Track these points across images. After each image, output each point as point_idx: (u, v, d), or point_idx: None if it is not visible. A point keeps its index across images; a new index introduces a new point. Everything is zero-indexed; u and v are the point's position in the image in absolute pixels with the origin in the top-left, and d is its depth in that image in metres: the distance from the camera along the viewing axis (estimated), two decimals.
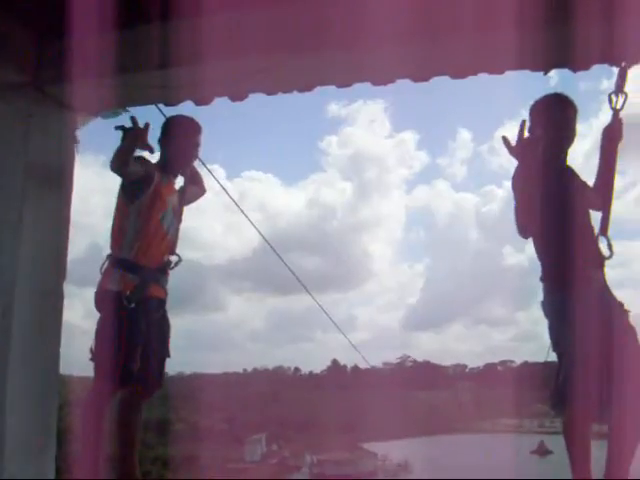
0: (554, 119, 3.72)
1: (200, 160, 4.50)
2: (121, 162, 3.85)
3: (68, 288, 4.12)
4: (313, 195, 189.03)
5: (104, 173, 4.08)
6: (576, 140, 3.79)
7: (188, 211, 4.38)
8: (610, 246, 3.63)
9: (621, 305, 3.54)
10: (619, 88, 3.56)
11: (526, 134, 3.66)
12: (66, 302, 4.09)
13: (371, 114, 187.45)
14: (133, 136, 3.89)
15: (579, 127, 3.80)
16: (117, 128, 3.91)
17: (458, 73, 3.63)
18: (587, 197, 3.70)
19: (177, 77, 3.79)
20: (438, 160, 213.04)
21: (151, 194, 3.99)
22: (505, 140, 3.64)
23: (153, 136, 4.15)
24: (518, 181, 3.67)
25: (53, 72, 3.77)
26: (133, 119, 3.95)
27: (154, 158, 4.20)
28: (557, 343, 3.59)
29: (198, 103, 4.12)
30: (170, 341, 4.17)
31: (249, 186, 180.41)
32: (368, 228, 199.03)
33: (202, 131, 4.28)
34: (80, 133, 4.34)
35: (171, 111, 4.25)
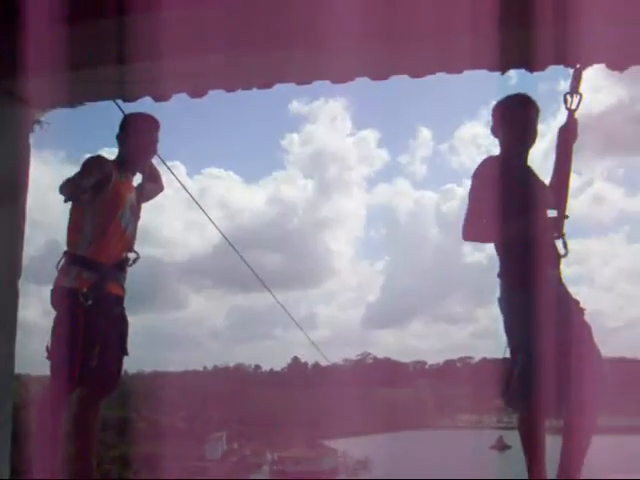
0: (516, 119, 3.76)
1: (160, 157, 4.48)
2: (71, 194, 3.86)
3: (25, 286, 4.07)
4: (274, 193, 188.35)
5: (62, 169, 4.06)
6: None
7: (148, 208, 4.35)
8: (565, 244, 3.68)
9: (577, 302, 3.60)
10: (574, 89, 3.62)
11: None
12: (23, 300, 4.04)
13: (332, 112, 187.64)
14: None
15: None
16: None
17: (417, 72, 3.67)
18: (545, 196, 3.75)
19: (135, 73, 3.77)
20: (399, 158, 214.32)
21: (109, 192, 3.96)
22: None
23: (112, 133, 4.13)
24: (479, 179, 3.71)
25: (8, 66, 3.70)
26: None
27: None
28: (512, 339, 3.63)
29: (157, 99, 4.09)
30: (129, 339, 4.13)
31: (210, 183, 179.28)
32: (329, 226, 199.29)
33: (160, 128, 4.25)
34: (36, 128, 4.28)
35: (130, 107, 4.21)
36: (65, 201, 3.91)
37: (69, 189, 3.89)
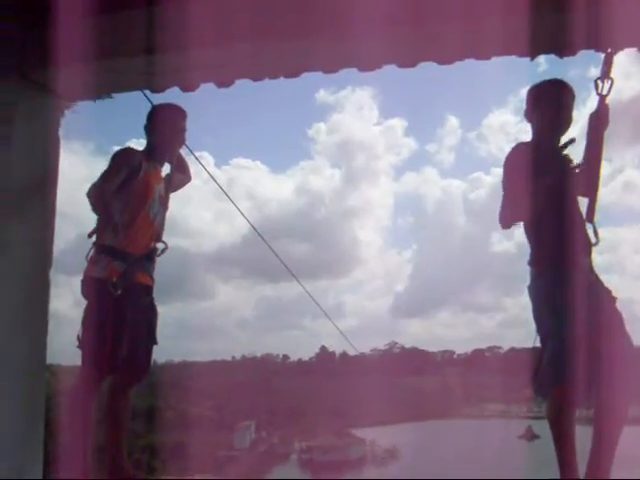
0: (550, 104, 3.71)
1: (188, 148, 4.50)
2: (97, 202, 3.96)
3: (57, 277, 4.10)
4: (302, 182, 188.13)
5: (91, 161, 4.09)
6: None
7: (177, 198, 4.38)
8: (596, 232, 3.64)
9: (608, 291, 3.56)
10: (605, 74, 3.55)
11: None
12: (55, 291, 4.08)
13: (359, 101, 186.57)
14: None
15: None
16: None
17: (445, 59, 3.62)
18: (576, 183, 3.71)
19: (163, 63, 3.77)
20: (426, 147, 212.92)
21: (138, 183, 3.99)
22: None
23: (140, 123, 4.15)
24: (514, 165, 3.67)
25: (38, 58, 3.73)
26: None
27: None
28: (542, 327, 3.60)
29: (184, 90, 4.10)
30: (158, 329, 4.17)
31: (237, 173, 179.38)
32: (356, 215, 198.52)
33: (187, 118, 4.27)
34: (66, 120, 4.32)
35: (157, 98, 4.23)
36: (93, 209, 3.97)
37: (95, 196, 3.95)
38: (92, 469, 3.81)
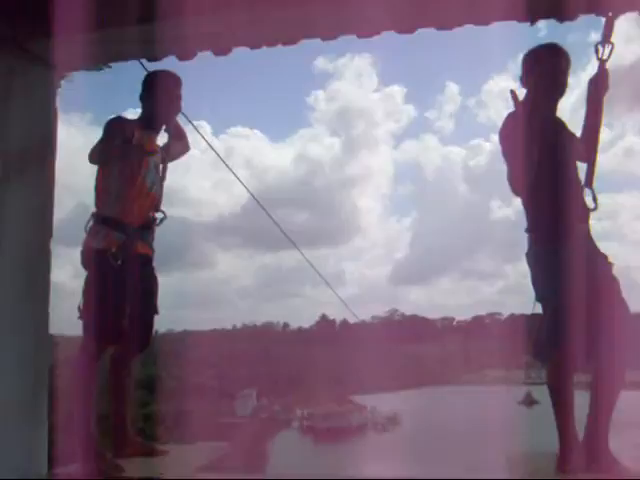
0: (546, 69, 3.68)
1: (185, 117, 4.48)
2: (99, 161, 3.95)
3: (57, 248, 4.11)
4: (301, 150, 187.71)
5: (89, 132, 4.08)
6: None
7: (176, 168, 4.37)
8: (595, 198, 3.64)
9: (605, 257, 3.56)
10: (605, 38, 3.52)
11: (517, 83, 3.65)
12: (55, 262, 4.08)
13: (358, 68, 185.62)
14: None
15: None
16: None
17: (444, 24, 3.59)
18: (575, 149, 3.70)
19: (159, 32, 3.73)
20: (426, 114, 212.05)
21: (132, 152, 3.97)
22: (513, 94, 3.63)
23: (137, 93, 4.13)
24: (509, 133, 3.65)
25: (33, 28, 3.70)
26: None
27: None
28: (539, 293, 3.61)
29: (181, 58, 4.06)
30: (159, 298, 4.18)
31: (236, 142, 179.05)
32: (356, 183, 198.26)
33: (181, 84, 4.24)
34: (64, 92, 4.29)
35: (154, 67, 4.20)
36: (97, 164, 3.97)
37: (96, 157, 3.94)
38: (96, 438, 3.84)
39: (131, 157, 3.97)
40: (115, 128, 4.00)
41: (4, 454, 3.52)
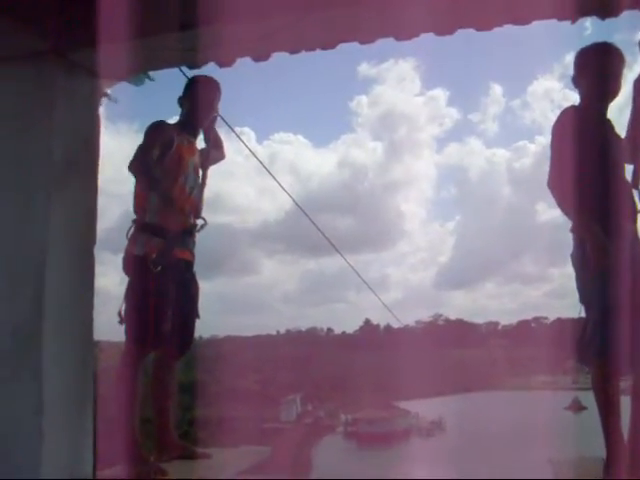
0: (599, 70, 3.61)
1: (227, 124, 4.52)
2: (139, 172, 4.01)
3: (103, 255, 4.15)
4: (344, 156, 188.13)
5: (136, 140, 4.13)
6: None
7: (221, 175, 4.42)
8: None
9: None
10: None
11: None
12: (101, 269, 4.13)
13: (401, 72, 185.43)
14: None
15: None
16: None
17: (483, 25, 3.53)
18: (622, 150, 3.63)
19: (199, 39, 3.75)
20: (469, 116, 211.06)
21: (171, 156, 4.01)
22: None
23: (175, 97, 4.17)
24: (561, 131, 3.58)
25: (75, 37, 3.74)
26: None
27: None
28: (585, 296, 3.54)
29: (221, 65, 4.08)
30: (203, 304, 4.22)
31: (279, 148, 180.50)
32: (399, 187, 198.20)
33: (220, 90, 4.30)
34: (110, 100, 4.36)
35: (195, 74, 4.25)
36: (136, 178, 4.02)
37: (136, 167, 3.98)
38: (140, 441, 3.88)
39: (171, 161, 4.01)
40: (155, 133, 4.04)
41: (52, 455, 3.56)
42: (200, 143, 4.39)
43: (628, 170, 3.65)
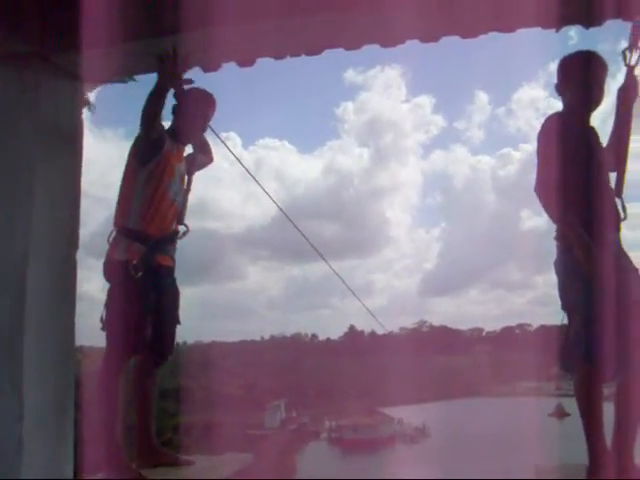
0: (582, 77, 3.62)
1: (213, 131, 4.50)
2: (154, 112, 3.90)
3: (87, 261, 4.13)
4: (330, 162, 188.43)
5: (123, 146, 4.11)
6: None
7: (207, 181, 4.42)
8: (624, 208, 3.58)
9: (635, 268, 3.50)
10: (634, 43, 3.47)
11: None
12: (86, 275, 4.11)
13: (387, 79, 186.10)
14: (167, 76, 3.85)
15: None
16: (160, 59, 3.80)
17: (468, 33, 3.55)
18: (606, 159, 3.64)
19: (184, 43, 3.74)
20: (455, 124, 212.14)
21: (160, 161, 3.99)
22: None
23: (168, 105, 4.14)
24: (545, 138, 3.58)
25: (59, 41, 3.73)
26: (168, 53, 3.78)
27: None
28: (567, 303, 3.55)
29: (206, 70, 4.08)
30: (187, 310, 4.20)
31: (265, 154, 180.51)
32: (385, 194, 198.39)
33: (215, 104, 4.28)
34: (90, 109, 4.34)
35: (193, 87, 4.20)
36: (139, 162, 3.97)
37: (137, 151, 3.97)
38: (121, 448, 3.85)
39: (158, 166, 3.98)
40: (154, 115, 3.97)
41: (31, 464, 3.53)
42: (188, 149, 4.37)
43: (612, 178, 3.67)
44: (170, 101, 4.13)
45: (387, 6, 3.36)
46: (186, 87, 4.05)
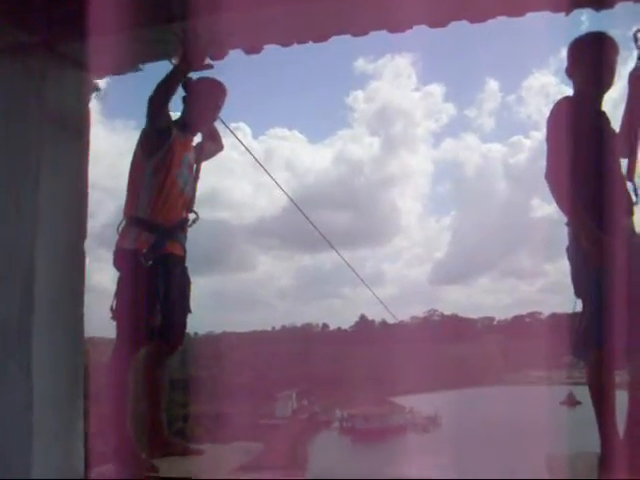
0: (593, 59, 3.57)
1: (223, 122, 4.48)
2: (164, 100, 3.91)
3: (98, 251, 4.12)
4: (340, 151, 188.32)
5: (133, 138, 4.11)
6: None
7: (218, 170, 4.39)
8: (637, 192, 3.55)
9: None
10: None
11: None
12: (96, 265, 4.10)
13: (398, 68, 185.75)
14: (191, 57, 3.85)
15: None
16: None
17: (476, 17, 3.50)
18: (617, 143, 3.60)
19: (191, 30, 3.71)
20: (466, 111, 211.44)
21: (167, 149, 3.97)
22: None
23: (177, 95, 4.12)
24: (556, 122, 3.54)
25: (65, 30, 3.70)
26: (184, 34, 3.78)
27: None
28: (580, 289, 3.51)
29: (212, 58, 4.04)
30: (199, 300, 4.19)
31: (275, 144, 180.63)
32: (396, 183, 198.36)
33: (226, 94, 4.25)
34: (99, 93, 4.32)
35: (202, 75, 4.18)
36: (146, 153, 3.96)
37: (144, 141, 3.97)
38: (131, 438, 3.85)
39: (166, 155, 3.97)
40: (163, 104, 3.96)
41: (42, 454, 3.54)
42: (196, 138, 4.35)
43: (623, 164, 3.63)
44: (179, 91, 4.11)
45: None
46: (204, 71, 4.03)
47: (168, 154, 3.97)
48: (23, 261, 3.62)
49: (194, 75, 4.12)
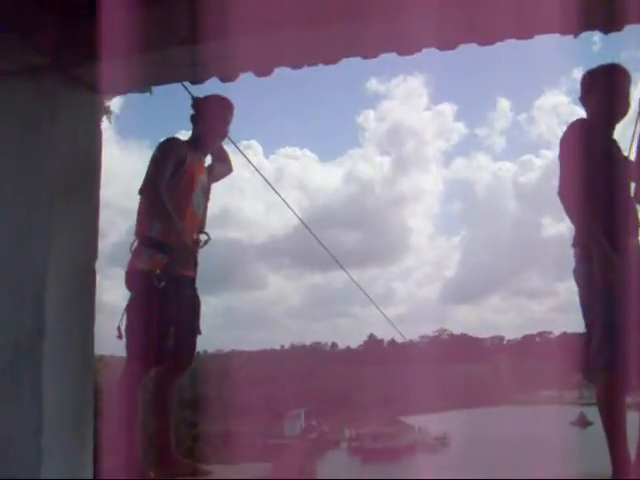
0: (606, 91, 3.59)
1: (232, 141, 4.51)
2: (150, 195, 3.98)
3: (110, 271, 4.14)
4: (351, 170, 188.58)
5: (147, 157, 4.14)
6: None
7: (230, 190, 4.42)
8: None
9: None
10: None
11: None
12: (108, 284, 4.11)
13: (409, 87, 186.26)
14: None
15: None
16: None
17: (485, 39, 3.52)
18: (628, 166, 3.61)
19: (201, 54, 3.75)
20: (476, 131, 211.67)
21: (184, 174, 4.00)
22: None
23: (185, 114, 4.15)
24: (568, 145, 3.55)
25: (76, 52, 3.74)
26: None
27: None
28: (589, 311, 3.50)
29: (223, 80, 4.07)
30: (208, 318, 4.21)
31: (286, 163, 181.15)
32: (406, 202, 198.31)
33: (234, 110, 4.29)
34: (109, 116, 4.36)
35: (198, 89, 4.23)
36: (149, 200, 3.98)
37: (148, 194, 3.96)
38: (140, 457, 3.85)
39: (182, 180, 4.00)
40: (169, 151, 4.02)
41: (51, 472, 3.53)
42: (208, 159, 4.38)
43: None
44: (180, 109, 4.16)
45: (403, 15, 3.34)
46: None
47: (185, 178, 4.00)
48: (35, 282, 3.63)
49: (199, 92, 4.19)
